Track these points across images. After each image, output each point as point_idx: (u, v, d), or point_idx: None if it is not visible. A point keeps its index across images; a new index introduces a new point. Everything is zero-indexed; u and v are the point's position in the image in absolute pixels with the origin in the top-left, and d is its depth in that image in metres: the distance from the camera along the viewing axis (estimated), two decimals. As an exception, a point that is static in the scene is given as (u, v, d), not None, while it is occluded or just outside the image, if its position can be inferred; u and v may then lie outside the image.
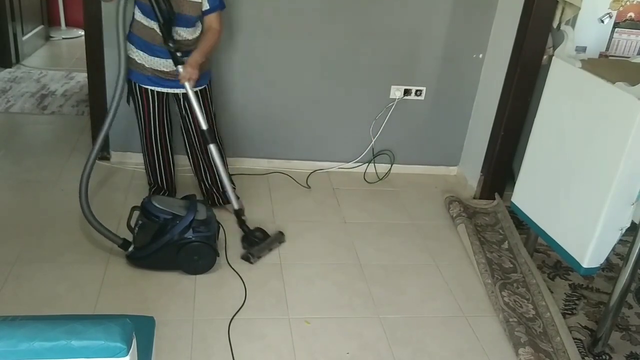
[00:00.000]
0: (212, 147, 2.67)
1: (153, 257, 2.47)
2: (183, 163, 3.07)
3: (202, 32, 2.67)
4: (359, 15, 3.20)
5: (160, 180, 2.96)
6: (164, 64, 2.64)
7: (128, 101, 2.77)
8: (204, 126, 2.65)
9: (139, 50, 2.63)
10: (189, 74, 2.54)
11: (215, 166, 2.76)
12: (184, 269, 2.51)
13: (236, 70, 3.25)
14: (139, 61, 2.64)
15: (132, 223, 2.57)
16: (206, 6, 2.59)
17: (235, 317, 2.32)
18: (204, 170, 2.94)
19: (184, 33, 2.60)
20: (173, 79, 2.65)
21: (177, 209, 2.48)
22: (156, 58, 2.63)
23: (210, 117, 2.82)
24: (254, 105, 3.36)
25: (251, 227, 2.76)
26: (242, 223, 2.76)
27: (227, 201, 2.93)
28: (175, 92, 2.74)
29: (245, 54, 3.21)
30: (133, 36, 2.63)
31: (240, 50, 3.21)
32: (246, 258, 2.64)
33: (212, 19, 2.63)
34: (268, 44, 3.22)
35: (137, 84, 2.70)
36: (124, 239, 2.51)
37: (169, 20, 2.49)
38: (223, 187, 2.82)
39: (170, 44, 2.51)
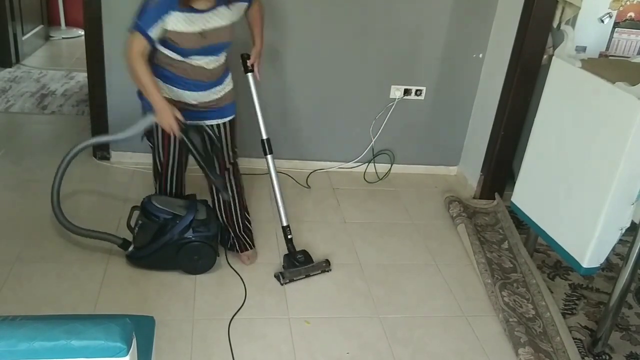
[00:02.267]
0: (269, 158, 2.67)
1: (153, 256, 2.47)
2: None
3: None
4: (359, 15, 3.20)
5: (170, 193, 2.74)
6: (195, 97, 2.38)
7: (142, 138, 2.48)
8: (264, 135, 2.66)
9: (166, 84, 2.33)
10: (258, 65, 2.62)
11: (271, 178, 2.65)
12: (184, 269, 2.51)
13: (235, 71, 3.24)
14: (173, 99, 2.35)
15: (132, 223, 2.57)
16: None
17: (235, 317, 2.32)
18: (225, 211, 2.66)
19: (211, 64, 2.34)
20: (202, 110, 2.42)
21: (177, 209, 2.48)
22: (187, 92, 2.35)
23: (234, 146, 2.63)
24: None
25: (297, 249, 2.64)
26: (288, 242, 2.63)
27: (244, 248, 2.67)
28: (207, 123, 2.47)
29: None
30: (160, 69, 2.31)
31: (240, 50, 3.20)
32: (277, 277, 2.54)
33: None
34: (267, 44, 3.21)
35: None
36: (124, 239, 2.51)
37: (208, 155, 2.43)
38: (276, 200, 2.62)
39: (214, 177, 2.43)
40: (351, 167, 3.59)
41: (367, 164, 3.59)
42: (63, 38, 5.68)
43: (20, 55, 4.89)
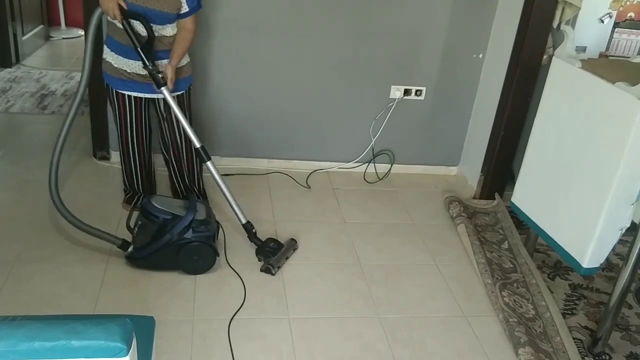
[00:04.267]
0: (209, 165, 2.57)
1: (153, 257, 2.47)
2: (160, 162, 3.02)
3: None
4: (359, 15, 3.20)
5: (137, 186, 2.89)
6: (141, 66, 2.51)
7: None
8: (197, 144, 2.54)
9: (114, 53, 2.53)
10: (170, 77, 2.48)
11: (217, 183, 2.59)
12: (184, 269, 2.51)
13: (236, 71, 3.25)
14: (115, 65, 2.54)
15: (132, 223, 2.57)
16: (185, 8, 2.48)
17: (235, 317, 2.32)
18: (181, 169, 2.88)
19: (166, 30, 2.50)
20: (151, 83, 2.53)
21: (177, 209, 2.48)
22: (132, 61, 2.51)
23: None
24: (253, 105, 3.36)
25: (262, 239, 2.68)
26: (253, 236, 2.67)
27: (204, 197, 2.97)
28: (153, 97, 2.64)
29: (245, 54, 3.21)
30: (109, 38, 2.54)
31: (240, 51, 3.20)
32: (267, 270, 2.56)
33: (187, 20, 2.52)
34: (268, 44, 3.22)
35: (113, 89, 2.60)
36: (124, 240, 2.51)
37: (147, 44, 2.40)
38: (229, 202, 2.63)
39: (150, 67, 2.41)
40: (351, 167, 3.59)
41: (367, 164, 3.59)
42: (63, 38, 5.68)
43: (20, 56, 4.90)
